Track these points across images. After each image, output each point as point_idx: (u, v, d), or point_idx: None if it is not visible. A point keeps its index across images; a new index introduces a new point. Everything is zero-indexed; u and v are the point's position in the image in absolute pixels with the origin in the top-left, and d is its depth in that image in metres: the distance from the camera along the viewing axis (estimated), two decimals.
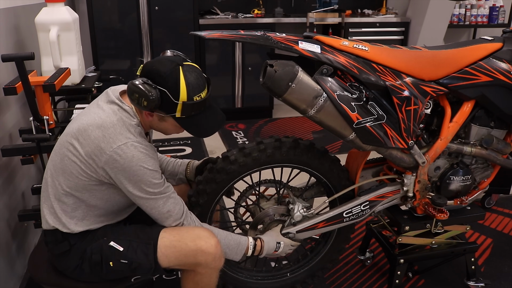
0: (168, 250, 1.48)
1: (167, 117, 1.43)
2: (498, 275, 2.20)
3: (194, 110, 1.42)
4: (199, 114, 1.45)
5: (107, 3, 3.96)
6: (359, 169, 1.86)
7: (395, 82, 1.65)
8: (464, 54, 1.75)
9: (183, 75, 1.37)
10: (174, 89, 1.36)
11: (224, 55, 4.36)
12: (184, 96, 1.37)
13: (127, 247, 1.48)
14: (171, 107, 1.39)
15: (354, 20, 4.57)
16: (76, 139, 1.40)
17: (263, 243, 1.68)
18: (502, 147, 1.87)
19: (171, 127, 1.50)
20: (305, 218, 1.78)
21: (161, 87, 1.36)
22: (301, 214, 1.77)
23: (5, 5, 2.29)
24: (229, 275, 1.86)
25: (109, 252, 1.48)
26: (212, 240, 1.49)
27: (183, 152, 3.76)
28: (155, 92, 1.35)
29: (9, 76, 2.16)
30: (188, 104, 1.39)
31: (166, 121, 1.46)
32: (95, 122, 1.40)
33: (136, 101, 1.36)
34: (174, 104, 1.38)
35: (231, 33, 1.52)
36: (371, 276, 2.20)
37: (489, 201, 2.79)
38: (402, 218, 1.95)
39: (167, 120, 1.45)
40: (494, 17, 4.87)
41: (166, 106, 1.38)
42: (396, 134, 1.67)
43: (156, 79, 1.36)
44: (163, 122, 1.47)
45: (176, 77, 1.37)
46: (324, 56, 1.55)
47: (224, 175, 1.68)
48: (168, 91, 1.36)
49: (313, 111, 1.55)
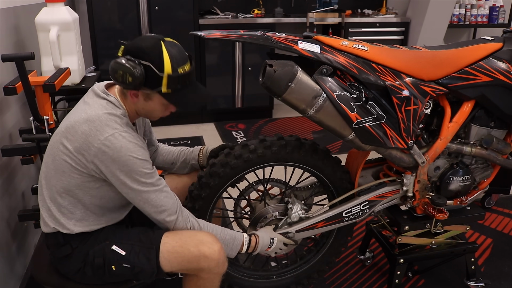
0: (170, 256, 1.47)
1: (153, 94, 1.41)
2: (498, 275, 2.20)
3: (179, 83, 1.40)
4: (185, 88, 1.43)
5: (107, 3, 3.96)
6: (359, 169, 1.86)
7: (395, 82, 1.65)
8: (464, 54, 1.75)
9: (165, 49, 1.37)
10: (158, 62, 1.35)
11: (224, 55, 4.36)
12: (169, 68, 1.36)
13: (129, 251, 1.47)
14: (157, 82, 1.37)
15: (354, 20, 4.57)
16: (65, 137, 1.40)
17: (258, 239, 1.67)
18: (502, 147, 1.87)
19: (158, 107, 1.46)
20: (302, 219, 1.77)
21: (144, 61, 1.35)
22: (299, 215, 1.77)
23: (5, 5, 2.29)
24: None
25: (111, 256, 1.47)
26: (216, 246, 1.48)
27: None
28: (139, 67, 1.34)
29: (9, 76, 2.16)
30: (173, 77, 1.37)
31: (152, 99, 1.43)
32: (81, 118, 1.39)
33: (121, 79, 1.35)
34: (159, 78, 1.36)
35: (231, 33, 1.52)
36: (371, 276, 2.20)
37: (489, 201, 2.79)
38: (402, 218, 1.95)
39: (153, 98, 1.43)
40: (494, 17, 4.87)
41: (151, 81, 1.37)
42: (395, 134, 1.67)
43: (139, 54, 1.35)
44: (149, 101, 1.44)
45: (159, 50, 1.36)
46: (324, 56, 1.55)
47: (241, 162, 1.67)
48: (152, 65, 1.35)
49: (312, 111, 1.55)
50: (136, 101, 1.44)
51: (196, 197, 1.70)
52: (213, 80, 4.40)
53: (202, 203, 1.71)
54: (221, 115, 4.60)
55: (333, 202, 1.83)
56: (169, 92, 1.40)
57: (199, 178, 1.70)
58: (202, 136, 4.16)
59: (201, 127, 4.46)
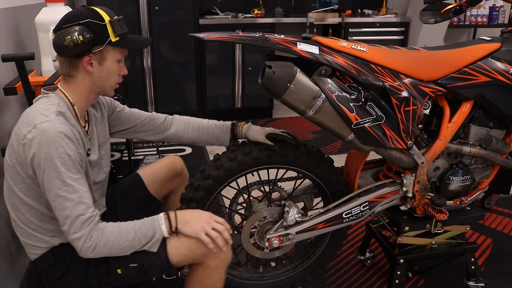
0: (177, 242, 1.43)
1: (106, 49, 1.40)
2: (498, 275, 2.20)
3: (122, 27, 1.43)
4: (128, 32, 1.46)
5: (107, 3, 3.96)
6: (358, 170, 1.86)
7: (394, 83, 1.65)
8: (462, 55, 1.75)
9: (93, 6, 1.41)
10: (95, 15, 1.37)
11: (224, 55, 4.36)
12: (106, 16, 1.39)
13: None
14: (103, 33, 1.38)
15: (354, 20, 4.57)
16: (11, 145, 1.37)
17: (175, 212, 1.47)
18: (501, 147, 1.87)
19: (113, 65, 1.44)
20: (298, 223, 1.78)
21: (82, 20, 1.35)
22: (295, 218, 1.77)
23: (5, 5, 2.29)
24: None
25: (114, 260, 1.41)
26: None
27: (183, 152, 3.77)
28: (82, 26, 1.34)
29: (9, 76, 2.16)
30: (115, 21, 1.40)
31: (106, 58, 1.42)
32: (19, 121, 1.37)
33: (72, 45, 1.33)
34: (104, 28, 1.37)
35: (230, 34, 1.53)
36: (371, 276, 2.20)
37: (489, 201, 2.79)
38: (402, 218, 1.95)
39: (107, 55, 1.41)
40: (494, 17, 4.87)
41: (98, 35, 1.37)
42: (395, 135, 1.67)
43: (73, 19, 1.36)
44: (105, 62, 1.42)
45: (89, 9, 1.39)
46: (323, 57, 1.55)
47: (236, 165, 1.67)
48: (91, 19, 1.36)
49: (311, 112, 1.55)
50: (91, 70, 1.41)
51: (198, 188, 1.69)
52: (213, 80, 4.40)
53: (203, 194, 1.69)
54: (221, 115, 4.57)
55: (333, 205, 1.82)
56: (118, 39, 1.41)
57: (202, 171, 1.70)
58: None
59: None
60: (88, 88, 1.45)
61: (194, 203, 1.69)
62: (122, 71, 1.49)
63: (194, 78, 4.32)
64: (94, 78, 1.43)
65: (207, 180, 1.67)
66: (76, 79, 1.43)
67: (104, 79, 1.45)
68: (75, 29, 1.33)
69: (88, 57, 1.39)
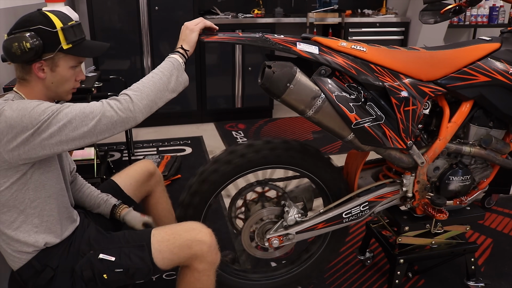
0: (161, 245, 1.45)
1: (57, 57, 1.36)
2: (498, 275, 2.20)
3: (76, 34, 1.39)
4: (83, 39, 1.42)
5: (107, 3, 3.97)
6: (358, 170, 1.86)
7: (393, 83, 1.65)
8: (462, 55, 1.75)
9: (47, 12, 1.37)
10: (46, 22, 1.34)
11: (224, 55, 4.36)
12: (59, 22, 1.35)
13: (118, 255, 1.44)
14: (54, 40, 1.34)
15: (354, 20, 4.57)
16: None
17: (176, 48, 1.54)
18: (501, 147, 1.87)
19: (66, 72, 1.40)
20: (298, 222, 1.78)
21: (33, 26, 1.32)
22: (295, 218, 1.77)
23: (5, 5, 2.29)
24: None
25: (100, 265, 1.42)
26: (206, 229, 1.49)
27: (183, 152, 3.77)
28: (31, 33, 1.31)
29: (9, 76, 2.16)
30: (67, 28, 1.36)
31: (58, 65, 1.38)
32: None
33: (20, 52, 1.30)
34: (55, 35, 1.34)
35: (229, 35, 1.53)
36: (371, 276, 2.20)
37: (489, 201, 2.79)
38: (402, 218, 1.95)
39: (59, 62, 1.38)
40: (494, 17, 4.87)
41: (48, 42, 1.33)
42: (394, 135, 1.67)
43: (24, 24, 1.33)
44: (57, 69, 1.38)
45: (42, 14, 1.35)
46: (322, 57, 1.55)
47: (231, 167, 1.69)
48: (41, 25, 1.32)
49: (311, 112, 1.55)
50: (43, 76, 1.38)
51: (194, 193, 1.70)
52: (213, 80, 4.41)
53: (200, 199, 1.70)
54: (221, 115, 4.60)
55: (333, 205, 1.82)
56: (70, 47, 1.37)
57: (201, 173, 1.70)
58: (202, 136, 4.16)
59: (201, 127, 4.47)
60: (42, 92, 1.42)
61: (191, 210, 1.72)
62: (79, 76, 1.46)
63: (194, 78, 4.32)
64: (47, 83, 1.40)
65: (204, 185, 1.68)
66: (30, 83, 1.40)
67: (58, 84, 1.42)
68: (24, 36, 1.30)
69: (39, 64, 1.36)
